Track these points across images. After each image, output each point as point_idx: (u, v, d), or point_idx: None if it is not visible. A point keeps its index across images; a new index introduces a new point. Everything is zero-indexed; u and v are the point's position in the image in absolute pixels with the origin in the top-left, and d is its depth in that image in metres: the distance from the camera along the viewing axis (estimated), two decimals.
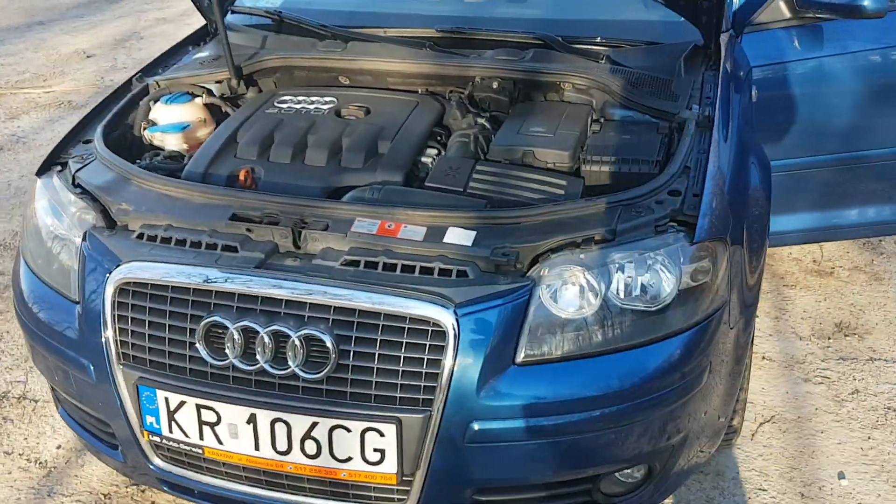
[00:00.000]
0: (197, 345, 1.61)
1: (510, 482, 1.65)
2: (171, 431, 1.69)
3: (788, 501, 2.15)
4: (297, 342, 1.55)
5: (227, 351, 1.59)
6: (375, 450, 1.58)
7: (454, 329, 1.51)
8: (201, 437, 1.67)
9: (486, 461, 1.59)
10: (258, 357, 1.58)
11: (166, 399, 1.66)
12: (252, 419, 1.61)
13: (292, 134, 2.00)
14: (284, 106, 2.14)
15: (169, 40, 6.10)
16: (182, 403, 1.65)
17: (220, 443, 1.66)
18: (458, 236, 1.62)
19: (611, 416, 1.59)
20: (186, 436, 1.68)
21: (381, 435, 1.56)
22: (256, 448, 1.64)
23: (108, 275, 1.68)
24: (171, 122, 2.20)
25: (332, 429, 1.58)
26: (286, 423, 1.59)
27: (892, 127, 2.62)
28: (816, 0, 2.37)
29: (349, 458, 1.60)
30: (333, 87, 2.28)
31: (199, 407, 1.64)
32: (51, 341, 1.83)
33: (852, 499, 2.16)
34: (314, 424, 1.58)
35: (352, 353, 1.55)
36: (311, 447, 1.60)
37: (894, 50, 2.49)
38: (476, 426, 1.55)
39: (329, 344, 1.54)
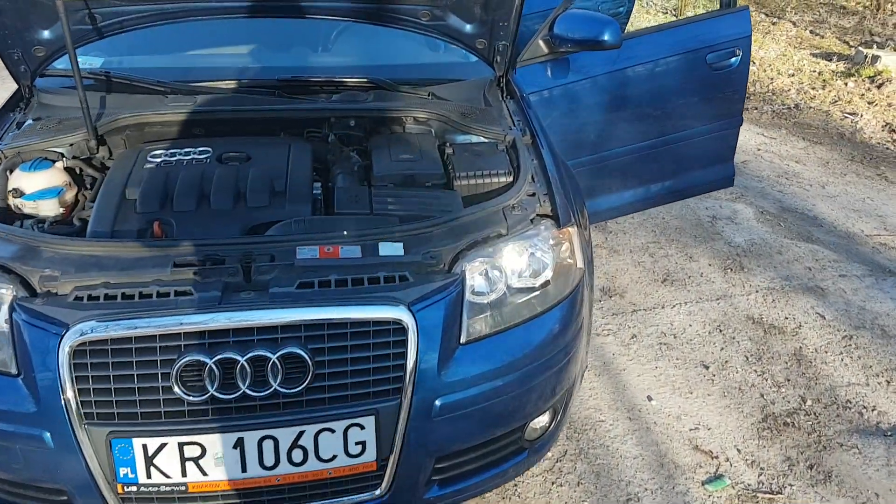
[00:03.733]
0: (173, 386, 1.71)
1: (463, 445, 1.97)
2: (148, 477, 1.75)
3: (623, 424, 2.75)
4: (276, 363, 1.74)
5: (206, 385, 1.72)
6: (357, 443, 1.82)
7: (413, 323, 1.81)
8: (184, 474, 1.76)
9: (446, 431, 1.90)
10: (239, 384, 1.73)
11: (144, 446, 1.73)
12: (239, 443, 1.76)
13: (189, 182, 2.12)
14: (160, 160, 2.23)
15: None
16: (163, 446, 1.73)
17: (205, 474, 1.77)
18: (391, 248, 1.92)
19: (529, 374, 2.00)
20: (167, 477, 1.76)
21: (362, 428, 1.81)
22: (244, 469, 1.78)
23: (59, 339, 1.70)
24: (39, 188, 2.17)
25: (317, 433, 1.78)
26: (273, 438, 1.77)
27: (624, 132, 3.39)
28: (568, 37, 3.02)
29: (334, 457, 1.81)
30: (198, 138, 2.40)
31: (181, 445, 1.74)
32: None
33: (664, 413, 2.81)
34: (301, 433, 1.78)
35: (326, 362, 1.77)
36: (297, 455, 1.79)
37: (623, 71, 3.25)
38: (439, 402, 1.86)
39: (306, 358, 1.75)
